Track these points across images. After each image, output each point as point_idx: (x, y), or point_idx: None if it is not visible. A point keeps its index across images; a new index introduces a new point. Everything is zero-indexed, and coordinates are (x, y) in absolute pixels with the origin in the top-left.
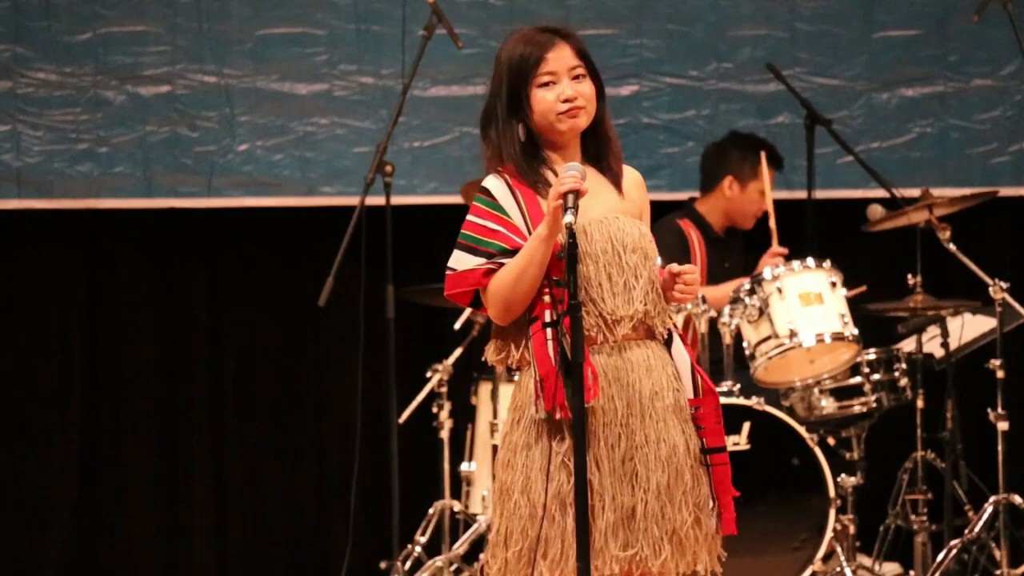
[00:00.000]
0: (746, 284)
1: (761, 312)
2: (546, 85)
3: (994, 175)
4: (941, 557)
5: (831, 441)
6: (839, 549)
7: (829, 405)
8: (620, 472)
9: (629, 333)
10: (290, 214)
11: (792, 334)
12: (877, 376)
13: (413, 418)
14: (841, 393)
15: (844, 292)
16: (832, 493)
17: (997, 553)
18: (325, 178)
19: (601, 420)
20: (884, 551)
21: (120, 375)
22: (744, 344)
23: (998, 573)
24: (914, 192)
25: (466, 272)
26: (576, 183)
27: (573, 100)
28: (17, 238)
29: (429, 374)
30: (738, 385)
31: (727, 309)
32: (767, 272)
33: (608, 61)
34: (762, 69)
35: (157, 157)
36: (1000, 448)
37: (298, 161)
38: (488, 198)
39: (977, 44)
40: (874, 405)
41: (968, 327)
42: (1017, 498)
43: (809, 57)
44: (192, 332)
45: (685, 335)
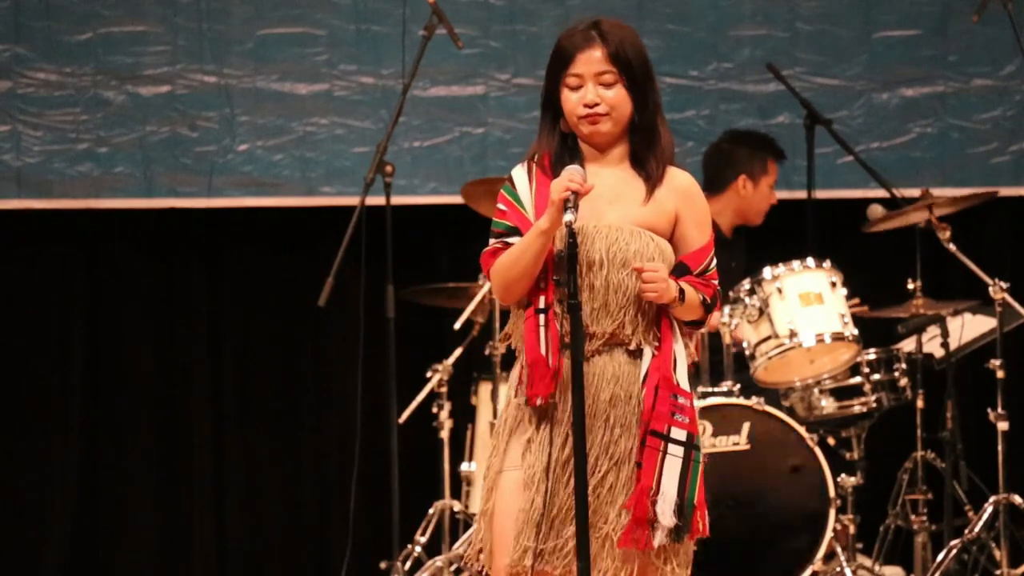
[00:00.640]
0: (746, 284)
1: (761, 312)
2: (573, 87)
3: (994, 175)
4: (941, 557)
5: (831, 441)
6: (839, 549)
7: (829, 405)
8: (560, 472)
9: (598, 344)
10: (290, 214)
11: (792, 334)
12: (877, 376)
13: (413, 418)
14: (841, 393)
15: (844, 292)
16: (832, 493)
17: (997, 553)
18: (325, 178)
19: (553, 420)
20: (884, 551)
21: (120, 375)
22: (744, 344)
23: (998, 573)
24: (914, 192)
25: (483, 254)
26: (576, 186)
27: (593, 106)
28: (17, 238)
29: (429, 374)
30: (738, 385)
31: (727, 309)
32: (767, 272)
33: None
34: (762, 69)
35: (157, 157)
36: (1000, 448)
37: (298, 161)
38: (510, 185)
39: (977, 44)
40: (874, 405)
41: (968, 327)
42: (1017, 498)
43: (809, 57)
44: (192, 332)
45: (666, 351)
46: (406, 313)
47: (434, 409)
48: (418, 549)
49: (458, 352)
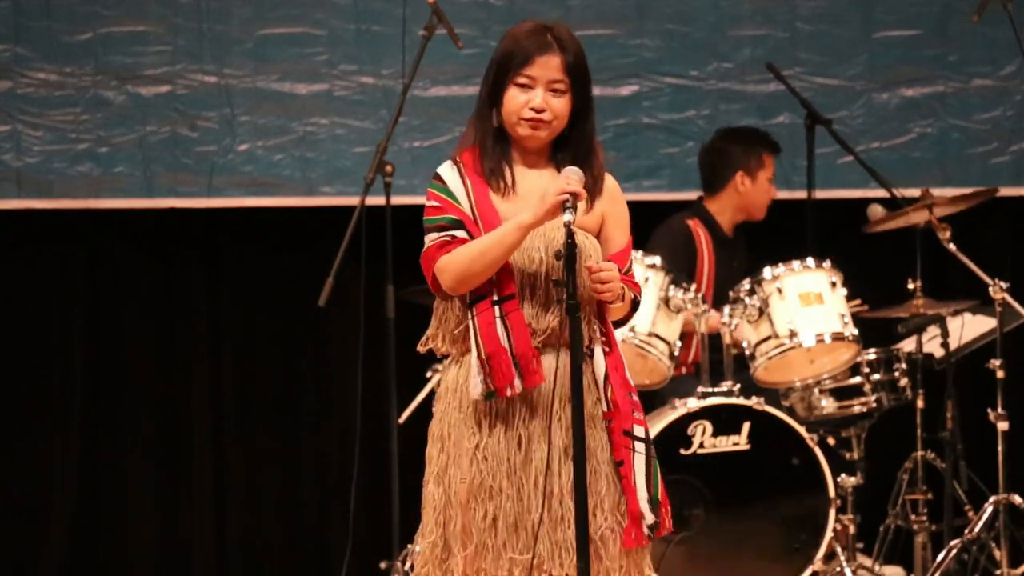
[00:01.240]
0: (746, 284)
1: (761, 312)
2: (522, 86)
3: (994, 175)
4: (941, 557)
5: (831, 441)
6: (839, 549)
7: (829, 405)
8: (521, 474)
9: (540, 339)
10: (290, 214)
11: (792, 334)
12: (877, 376)
13: (413, 418)
14: (841, 393)
15: (844, 292)
16: (832, 493)
17: (997, 553)
18: (325, 178)
19: (506, 421)
20: (884, 551)
21: (120, 375)
22: (744, 344)
23: (998, 573)
24: (914, 192)
25: (425, 251)
26: (575, 189)
27: (539, 112)
28: (17, 238)
29: (429, 374)
30: (738, 385)
31: (727, 309)
32: (767, 272)
33: (608, 61)
34: (762, 69)
35: (157, 157)
36: (1000, 448)
37: (298, 161)
38: (439, 183)
39: (977, 44)
40: (874, 405)
41: (968, 327)
42: (1017, 498)
43: (809, 57)
44: (192, 332)
45: (615, 350)
46: (406, 313)
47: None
48: (418, 549)
49: None
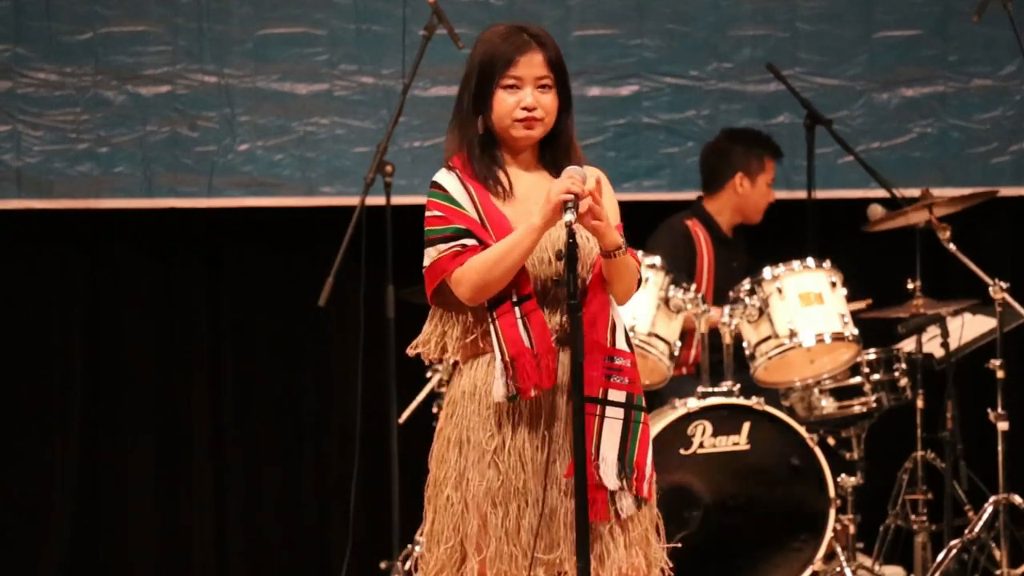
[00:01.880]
0: (746, 284)
1: (761, 312)
2: (510, 88)
3: (994, 175)
4: (941, 557)
5: (831, 441)
6: (839, 549)
7: (829, 405)
8: (542, 474)
9: (561, 337)
10: (290, 214)
11: (792, 334)
12: (877, 376)
13: (413, 418)
14: (841, 393)
15: (844, 292)
16: (832, 493)
17: (997, 553)
18: (325, 178)
19: (527, 421)
20: (884, 551)
21: (120, 375)
22: (744, 344)
23: (998, 573)
24: (914, 192)
25: (435, 263)
26: (578, 189)
27: (532, 110)
28: (17, 238)
29: (429, 374)
30: (738, 385)
31: (727, 309)
32: (767, 272)
33: (608, 61)
34: (762, 69)
35: (157, 157)
36: (1000, 448)
37: (298, 161)
38: (440, 191)
39: (977, 44)
40: (874, 405)
41: (968, 327)
42: (1017, 498)
43: (809, 57)
44: (192, 332)
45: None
46: (406, 313)
47: (434, 409)
48: (418, 549)
49: None
